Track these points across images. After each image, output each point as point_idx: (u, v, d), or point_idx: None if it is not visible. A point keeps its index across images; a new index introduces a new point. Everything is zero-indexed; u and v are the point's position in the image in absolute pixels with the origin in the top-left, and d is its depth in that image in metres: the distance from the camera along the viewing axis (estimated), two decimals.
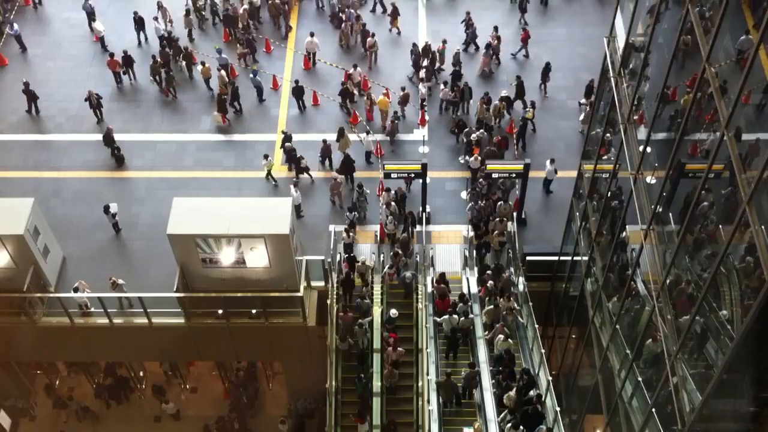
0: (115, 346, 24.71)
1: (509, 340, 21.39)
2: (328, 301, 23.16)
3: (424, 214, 24.90)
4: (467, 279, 23.89)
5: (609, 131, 19.00)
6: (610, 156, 19.00)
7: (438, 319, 22.11)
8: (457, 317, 21.86)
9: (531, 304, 22.46)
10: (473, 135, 26.26)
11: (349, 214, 24.87)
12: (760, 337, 11.13)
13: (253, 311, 23.25)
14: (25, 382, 28.72)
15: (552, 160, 25.50)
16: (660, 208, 15.37)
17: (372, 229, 25.33)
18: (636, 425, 16.76)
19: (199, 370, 30.00)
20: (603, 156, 19.51)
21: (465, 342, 22.53)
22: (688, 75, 14.30)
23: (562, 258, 23.56)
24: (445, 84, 28.16)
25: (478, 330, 22.31)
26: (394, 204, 24.66)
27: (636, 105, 16.82)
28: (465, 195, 26.09)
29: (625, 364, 17.48)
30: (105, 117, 28.48)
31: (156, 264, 24.28)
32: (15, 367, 27.95)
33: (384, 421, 21.20)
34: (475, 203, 24.69)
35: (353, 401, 22.32)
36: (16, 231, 22.12)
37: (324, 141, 26.51)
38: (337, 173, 26.04)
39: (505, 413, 20.08)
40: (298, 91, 28.26)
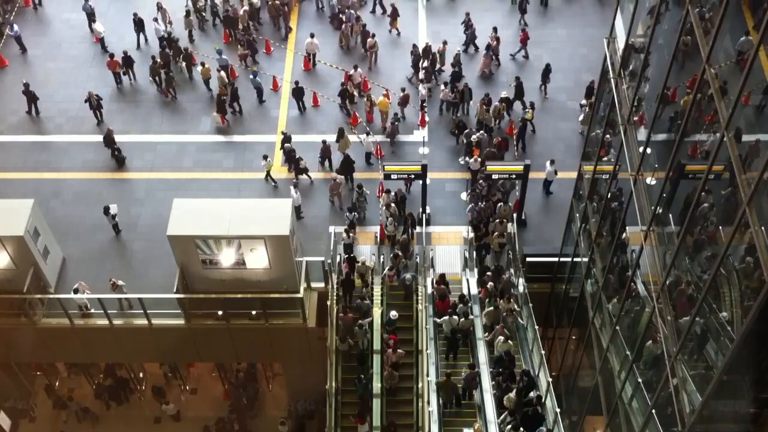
0: (115, 347, 24.70)
1: (509, 341, 21.39)
2: (328, 303, 23.15)
3: (424, 215, 24.89)
4: (467, 280, 23.87)
5: (609, 132, 18.98)
6: (610, 157, 18.99)
7: (438, 320, 22.10)
8: (457, 318, 21.85)
9: (531, 305, 22.46)
10: (473, 136, 26.25)
11: (348, 214, 24.85)
12: (760, 338, 11.11)
13: (253, 312, 23.25)
14: (25, 384, 28.71)
15: (552, 161, 25.50)
16: (660, 210, 15.36)
17: (372, 230, 25.32)
18: (636, 426, 16.74)
19: (199, 371, 29.98)
20: (603, 157, 19.50)
21: (465, 343, 22.51)
22: (688, 76, 14.28)
23: (562, 259, 23.55)
24: (445, 85, 28.16)
25: (478, 331, 22.29)
26: (394, 205, 24.67)
27: (636, 106, 16.80)
28: (465, 196, 26.08)
29: (625, 365, 17.46)
30: (105, 118, 28.48)
31: (156, 265, 24.29)
32: (15, 369, 27.94)
33: (384, 422, 21.18)
34: (475, 205, 24.68)
35: (353, 402, 22.30)
36: (16, 232, 22.11)
37: (323, 142, 26.50)
38: (336, 173, 26.05)
39: (505, 415, 20.08)
40: (298, 92, 28.26)
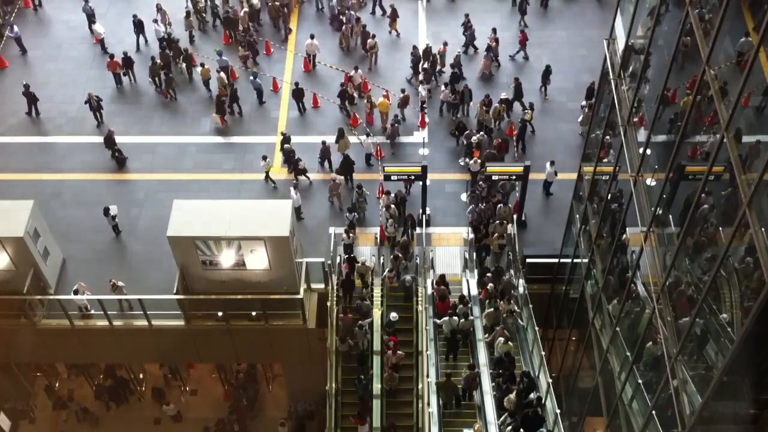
0: (115, 348, 24.69)
1: (509, 342, 21.38)
2: (328, 303, 23.15)
3: (424, 216, 24.88)
4: (467, 281, 23.87)
5: (609, 133, 18.99)
6: (610, 158, 18.99)
7: (438, 320, 22.10)
8: (457, 319, 21.85)
9: (531, 306, 22.45)
10: (474, 137, 26.26)
11: (348, 215, 24.85)
12: (760, 339, 11.11)
13: (253, 313, 23.24)
14: (25, 385, 28.71)
15: (552, 162, 25.50)
16: (660, 211, 15.36)
17: (372, 231, 25.32)
18: (636, 427, 16.73)
19: (199, 372, 29.97)
20: (603, 158, 19.50)
21: (465, 344, 22.51)
22: (688, 77, 14.28)
23: (562, 260, 23.53)
24: (446, 86, 28.18)
25: (478, 332, 22.28)
26: (394, 207, 24.67)
27: (636, 107, 16.80)
28: (465, 197, 26.09)
29: (626, 366, 17.45)
30: (105, 119, 28.47)
31: (156, 266, 24.28)
32: (15, 370, 27.94)
33: (384, 423, 21.17)
34: (475, 206, 24.68)
35: (353, 403, 22.29)
36: (16, 233, 22.11)
37: (323, 143, 26.50)
38: (336, 174, 26.05)
39: (505, 416, 20.08)
40: (298, 94, 28.26)
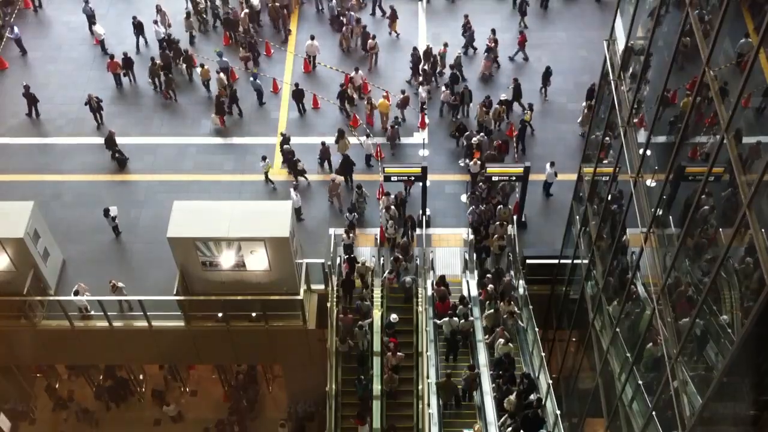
0: (115, 348, 24.67)
1: (509, 344, 21.38)
2: (328, 304, 23.14)
3: (424, 217, 24.88)
4: (467, 282, 23.87)
5: (609, 134, 18.99)
6: (610, 159, 18.99)
7: (438, 321, 22.10)
8: (457, 320, 21.84)
9: (531, 307, 22.45)
10: (474, 139, 26.26)
11: (348, 215, 24.85)
12: (760, 340, 11.11)
13: (253, 314, 23.21)
14: (25, 386, 28.68)
15: (552, 163, 25.50)
16: (660, 212, 15.36)
17: (372, 232, 25.32)
18: (636, 428, 16.73)
19: (199, 373, 29.96)
20: (603, 159, 19.50)
21: (465, 344, 22.52)
22: (688, 78, 14.29)
23: (563, 261, 23.54)
24: (446, 86, 28.19)
25: (479, 333, 22.28)
26: (394, 208, 24.67)
27: (636, 108, 16.81)
28: (465, 198, 26.09)
29: (626, 367, 17.45)
30: (105, 120, 28.47)
31: (156, 267, 24.26)
32: (15, 371, 27.92)
33: (384, 425, 21.17)
34: (475, 207, 24.68)
35: (353, 403, 22.29)
36: (16, 234, 22.12)
37: (323, 143, 26.50)
38: (336, 174, 26.05)
39: (505, 417, 20.07)
40: (298, 95, 28.26)
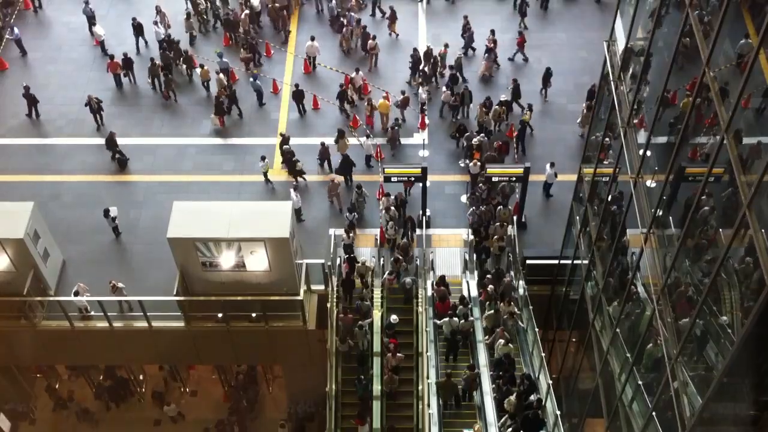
0: (115, 349, 24.68)
1: (509, 344, 21.38)
2: (328, 305, 23.15)
3: (424, 217, 24.89)
4: (467, 282, 23.88)
5: (609, 135, 19.00)
6: (610, 160, 19.00)
7: (438, 321, 22.10)
8: (457, 320, 21.85)
9: (531, 308, 22.45)
10: (474, 139, 26.27)
11: (348, 215, 24.86)
12: (760, 340, 11.12)
13: (253, 315, 23.23)
14: (25, 386, 28.69)
15: (552, 164, 25.51)
16: (660, 212, 15.37)
17: (372, 232, 25.33)
18: (636, 429, 16.73)
19: (199, 373, 29.97)
20: (603, 160, 19.51)
21: (465, 344, 22.52)
22: (688, 79, 14.30)
23: (563, 262, 23.54)
24: (446, 87, 28.18)
25: (479, 333, 22.29)
26: (394, 209, 24.67)
27: (636, 109, 16.82)
28: (465, 199, 26.10)
29: (626, 367, 17.46)
30: (105, 121, 28.48)
31: (156, 267, 24.27)
32: (15, 371, 27.92)
33: (384, 425, 21.16)
34: (476, 208, 24.68)
35: (353, 403, 22.29)
36: (16, 235, 22.13)
37: (322, 144, 26.51)
38: (335, 173, 26.05)
39: (505, 418, 20.06)
40: (298, 95, 28.27)
